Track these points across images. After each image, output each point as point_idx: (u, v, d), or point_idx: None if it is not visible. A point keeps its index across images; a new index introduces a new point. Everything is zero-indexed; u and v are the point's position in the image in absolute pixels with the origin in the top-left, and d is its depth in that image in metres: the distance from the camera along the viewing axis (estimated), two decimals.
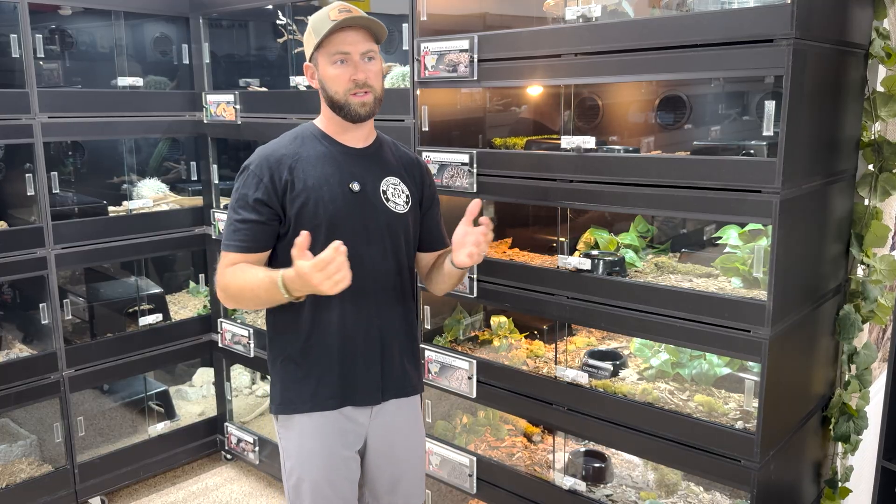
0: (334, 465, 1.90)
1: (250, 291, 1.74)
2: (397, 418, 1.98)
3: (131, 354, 3.25)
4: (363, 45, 1.80)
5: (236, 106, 3.11)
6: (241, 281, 1.75)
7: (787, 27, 1.66)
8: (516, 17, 2.69)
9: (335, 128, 1.88)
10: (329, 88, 1.82)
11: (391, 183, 1.91)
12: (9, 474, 2.97)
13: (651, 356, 2.35)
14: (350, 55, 1.79)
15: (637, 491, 2.32)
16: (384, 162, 1.94)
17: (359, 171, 1.87)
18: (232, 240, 1.80)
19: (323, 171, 1.83)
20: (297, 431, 1.90)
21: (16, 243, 2.86)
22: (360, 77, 1.79)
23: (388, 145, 1.99)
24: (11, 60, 2.82)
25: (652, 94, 2.55)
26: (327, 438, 1.89)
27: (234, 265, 1.78)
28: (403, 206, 1.92)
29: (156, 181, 3.55)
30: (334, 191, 1.82)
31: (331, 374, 1.87)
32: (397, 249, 1.91)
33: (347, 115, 1.83)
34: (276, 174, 1.79)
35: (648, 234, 2.57)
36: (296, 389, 1.88)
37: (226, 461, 3.62)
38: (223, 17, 3.52)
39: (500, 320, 2.76)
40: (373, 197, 1.87)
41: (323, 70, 1.82)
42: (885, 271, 2.28)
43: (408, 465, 2.04)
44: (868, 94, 2.20)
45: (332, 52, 1.79)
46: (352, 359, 1.88)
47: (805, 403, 2.21)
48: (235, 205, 1.81)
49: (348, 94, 1.80)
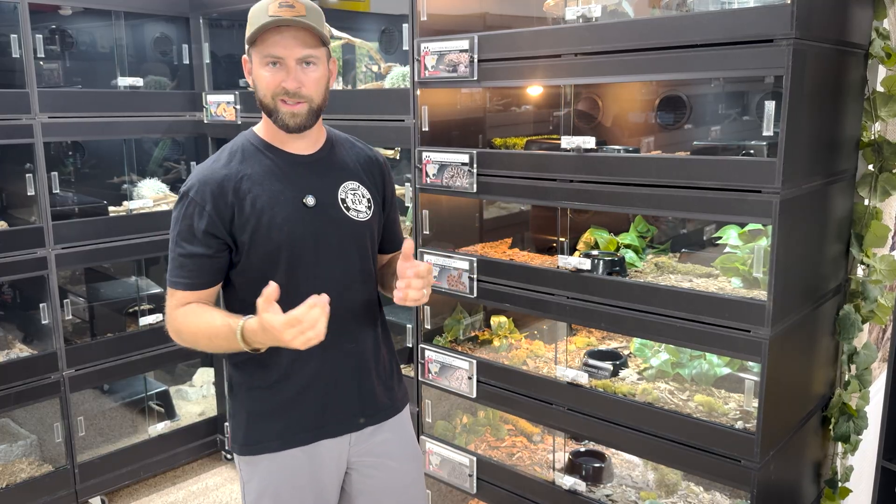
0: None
1: (206, 338, 1.58)
2: (384, 445, 1.80)
3: (131, 354, 3.25)
4: (300, 50, 1.57)
5: (236, 106, 3.11)
6: (194, 326, 1.59)
7: (787, 27, 1.66)
8: (516, 17, 2.69)
9: (278, 135, 1.67)
10: (259, 91, 1.62)
11: (349, 189, 1.72)
12: (9, 474, 2.98)
13: (651, 356, 2.35)
14: (283, 59, 1.57)
15: (637, 491, 2.32)
16: (339, 166, 1.73)
17: (311, 182, 1.67)
18: (178, 276, 1.61)
19: (272, 189, 1.62)
20: (262, 471, 1.69)
21: (16, 243, 2.86)
22: (290, 86, 1.57)
23: (342, 145, 1.79)
24: (11, 60, 2.82)
25: (652, 94, 2.55)
26: (298, 478, 1.69)
27: (185, 305, 1.62)
28: (366, 213, 1.73)
29: (156, 181, 3.55)
30: (287, 209, 1.62)
31: (305, 404, 1.68)
32: (364, 261, 1.74)
33: (277, 123, 1.62)
34: (221, 200, 1.59)
35: (648, 234, 2.57)
36: (264, 425, 1.68)
37: (226, 461, 3.62)
38: (223, 17, 3.52)
39: (500, 320, 2.77)
40: (331, 209, 1.68)
41: (255, 69, 1.61)
42: (885, 271, 2.28)
43: (403, 486, 1.84)
44: (868, 94, 2.20)
45: (264, 54, 1.57)
46: (327, 387, 1.70)
47: (805, 403, 2.21)
48: (178, 237, 1.61)
49: (277, 100, 1.59)
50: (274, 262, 1.63)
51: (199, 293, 1.64)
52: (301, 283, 1.63)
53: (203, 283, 1.63)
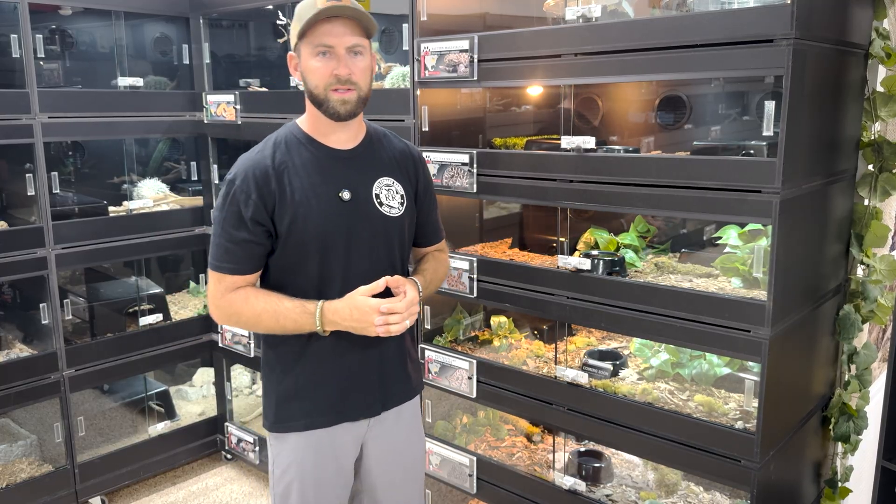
0: (325, 479, 1.84)
1: (272, 319, 1.69)
2: (397, 425, 1.92)
3: (131, 354, 3.25)
4: (350, 39, 1.65)
5: (236, 106, 3.11)
6: (259, 307, 1.69)
7: (787, 27, 1.66)
8: (516, 17, 2.69)
9: (320, 128, 1.75)
10: (310, 82, 1.69)
11: (384, 185, 1.80)
12: (9, 474, 2.98)
13: (651, 356, 2.35)
14: (334, 48, 1.64)
15: (637, 491, 2.32)
16: (375, 162, 1.82)
17: (349, 176, 1.76)
18: (224, 261, 1.70)
19: (311, 182, 1.71)
20: (289, 446, 1.82)
21: (16, 243, 2.86)
22: (342, 72, 1.65)
23: (380, 139, 1.86)
24: (11, 60, 2.82)
25: (652, 94, 2.55)
26: (320, 454, 1.82)
27: (236, 289, 1.71)
28: (398, 209, 1.81)
29: (156, 181, 3.55)
30: (322, 202, 1.71)
31: (327, 390, 1.79)
32: (393, 256, 1.82)
33: (327, 112, 1.69)
34: (265, 189, 1.67)
35: (648, 234, 2.57)
36: (290, 407, 1.80)
37: (226, 461, 3.62)
38: (223, 17, 3.52)
39: (500, 320, 2.76)
40: (365, 204, 1.76)
41: (305, 62, 1.68)
42: (885, 271, 2.28)
43: (407, 471, 1.99)
44: (868, 94, 2.20)
45: (315, 44, 1.64)
46: (349, 374, 1.80)
47: (805, 403, 2.21)
48: (223, 223, 1.69)
49: (328, 90, 1.66)
50: (307, 252, 1.71)
51: (246, 277, 1.72)
52: (332, 274, 1.74)
53: (248, 269, 1.72)
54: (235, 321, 1.74)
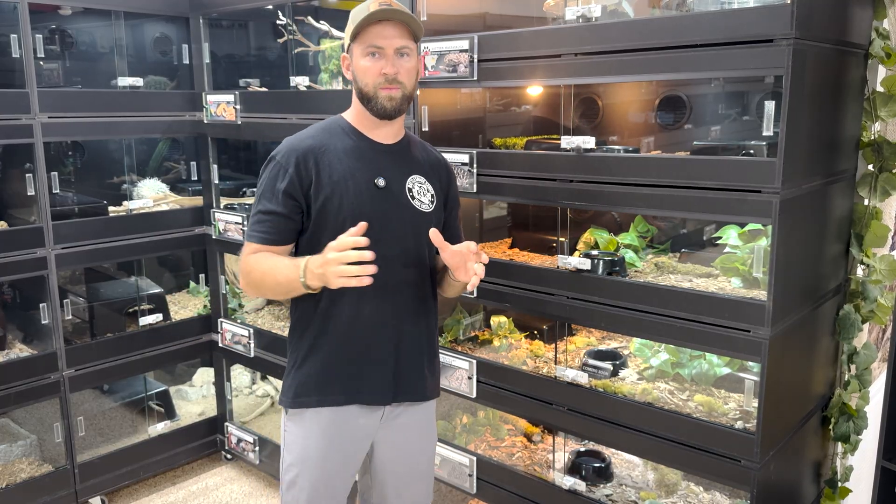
0: (334, 467, 1.89)
1: (272, 278, 1.75)
2: (410, 424, 1.96)
3: (131, 354, 3.25)
4: (398, 41, 1.77)
5: (236, 106, 3.11)
6: (264, 267, 1.76)
7: (787, 27, 1.66)
8: (516, 17, 2.69)
9: (365, 122, 1.86)
10: (360, 80, 1.80)
11: (417, 181, 1.89)
12: (9, 474, 2.97)
13: (651, 356, 2.35)
14: (384, 49, 1.77)
15: (637, 491, 2.32)
16: (411, 159, 1.92)
17: (385, 166, 1.85)
18: (255, 230, 1.80)
19: (349, 165, 1.80)
20: (304, 428, 1.88)
21: (16, 243, 2.86)
22: (390, 71, 1.76)
23: (417, 144, 1.97)
24: (11, 60, 2.82)
25: (652, 94, 2.55)
26: (332, 440, 1.87)
27: (256, 253, 1.79)
28: (429, 206, 1.89)
29: (156, 181, 3.55)
30: (359, 186, 1.80)
31: (340, 369, 1.85)
32: (420, 249, 1.88)
33: (374, 109, 1.80)
34: (303, 166, 1.77)
35: (648, 234, 2.57)
36: (307, 384, 1.86)
37: (226, 461, 3.62)
38: (223, 17, 3.52)
39: (500, 320, 2.76)
40: (398, 194, 1.85)
41: (356, 61, 1.80)
42: (885, 271, 2.28)
43: (418, 472, 2.02)
44: (868, 94, 2.20)
45: (367, 45, 1.77)
46: (363, 356, 1.85)
47: (805, 403, 2.21)
48: (260, 196, 1.80)
49: (378, 88, 1.78)
50: (340, 230, 1.72)
51: (273, 248, 1.80)
52: None
53: (276, 240, 1.79)
54: (249, 282, 1.81)
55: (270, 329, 3.24)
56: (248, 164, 3.88)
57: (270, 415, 3.68)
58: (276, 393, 3.77)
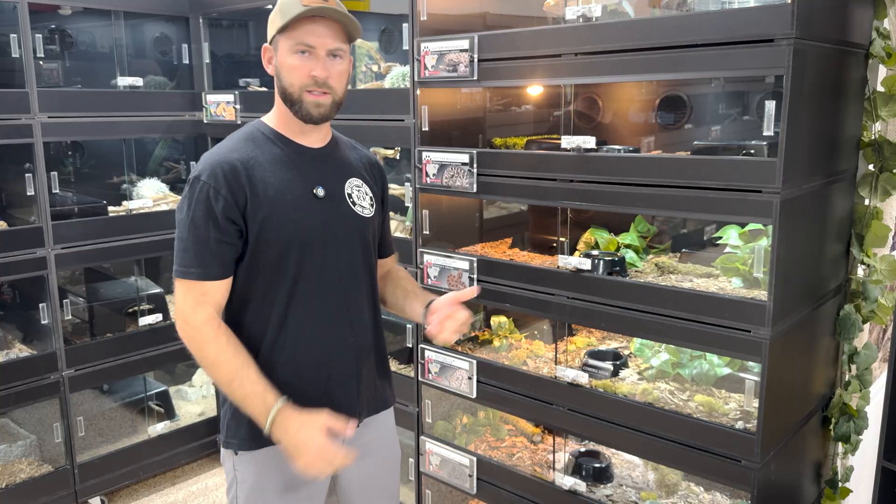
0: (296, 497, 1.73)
1: (227, 384, 1.56)
2: (372, 439, 1.84)
3: (131, 354, 3.25)
4: (332, 42, 1.60)
5: (236, 106, 3.11)
6: (222, 361, 1.56)
7: (787, 27, 1.66)
8: (516, 17, 2.69)
9: (291, 126, 1.68)
10: (285, 79, 1.62)
11: (355, 185, 1.75)
12: (9, 474, 2.97)
13: (651, 356, 2.34)
14: (315, 49, 1.59)
15: (637, 491, 2.32)
16: (345, 162, 1.77)
17: (321, 174, 1.69)
18: (192, 265, 1.56)
19: (282, 178, 1.62)
20: (258, 465, 1.69)
21: (16, 243, 2.86)
22: (321, 74, 1.59)
23: (344, 144, 1.83)
24: (11, 60, 2.82)
25: (652, 93, 2.55)
26: (284, 479, 1.68)
27: (216, 320, 1.58)
28: (369, 210, 1.76)
29: (156, 181, 3.55)
30: (298, 199, 1.63)
31: (306, 397, 1.64)
32: (367, 255, 1.76)
33: (299, 113, 1.63)
34: (235, 184, 1.57)
35: (648, 234, 2.57)
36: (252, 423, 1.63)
37: None
38: (223, 17, 3.52)
39: (500, 320, 2.76)
40: (339, 202, 1.70)
41: (282, 57, 1.61)
42: (886, 271, 2.28)
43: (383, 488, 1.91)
44: (868, 94, 2.20)
45: (296, 41, 1.58)
46: (327, 381, 1.70)
47: (805, 403, 2.21)
48: (190, 224, 1.56)
49: (303, 91, 1.61)
50: (283, 250, 1.62)
51: (217, 284, 1.59)
52: (308, 273, 1.65)
53: (218, 273, 1.58)
54: (193, 350, 1.60)
55: None
56: None
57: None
58: None
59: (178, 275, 1.59)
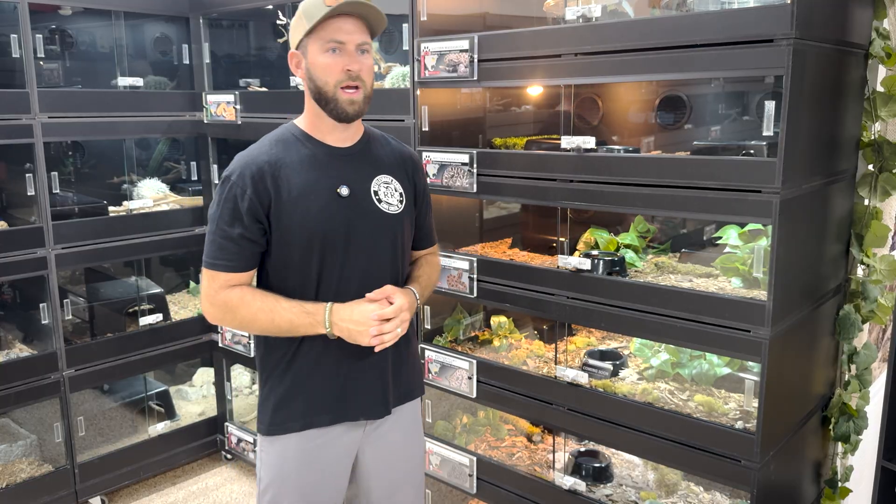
0: (315, 491, 1.80)
1: (267, 319, 1.67)
2: (395, 428, 1.89)
3: (131, 354, 3.25)
4: (359, 36, 1.66)
5: (236, 106, 3.11)
6: (255, 306, 1.67)
7: (787, 27, 1.66)
8: (516, 17, 2.69)
9: (321, 127, 1.74)
10: (318, 79, 1.67)
11: (383, 182, 1.79)
12: (9, 474, 2.98)
13: (651, 356, 2.35)
14: (345, 45, 1.64)
15: (637, 491, 2.32)
16: (373, 160, 1.80)
17: (346, 172, 1.74)
18: (219, 258, 1.67)
19: (308, 177, 1.69)
20: (280, 451, 1.78)
21: (16, 243, 2.86)
22: (354, 67, 1.65)
23: (378, 140, 1.86)
24: (11, 60, 2.82)
25: (652, 94, 2.55)
26: (313, 461, 1.78)
27: (231, 287, 1.68)
28: (397, 206, 1.80)
29: (156, 181, 3.55)
30: (322, 198, 1.69)
31: (328, 389, 1.76)
32: (394, 254, 1.80)
33: (334, 112, 1.69)
34: (261, 185, 1.65)
35: (648, 234, 2.57)
36: (289, 407, 1.76)
37: (226, 461, 3.62)
38: (223, 17, 3.52)
39: (500, 320, 2.76)
40: (363, 200, 1.74)
41: (313, 58, 1.66)
42: (885, 271, 2.28)
43: (406, 477, 1.94)
44: (868, 94, 2.20)
45: (327, 39, 1.63)
46: (349, 374, 1.77)
47: (805, 403, 2.21)
48: (218, 219, 1.67)
49: (338, 88, 1.66)
50: (306, 249, 1.69)
51: (240, 276, 1.69)
52: (330, 272, 1.72)
53: (242, 266, 1.69)
54: (230, 320, 1.70)
55: None
56: None
57: None
58: None
59: (205, 265, 1.70)
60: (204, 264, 1.70)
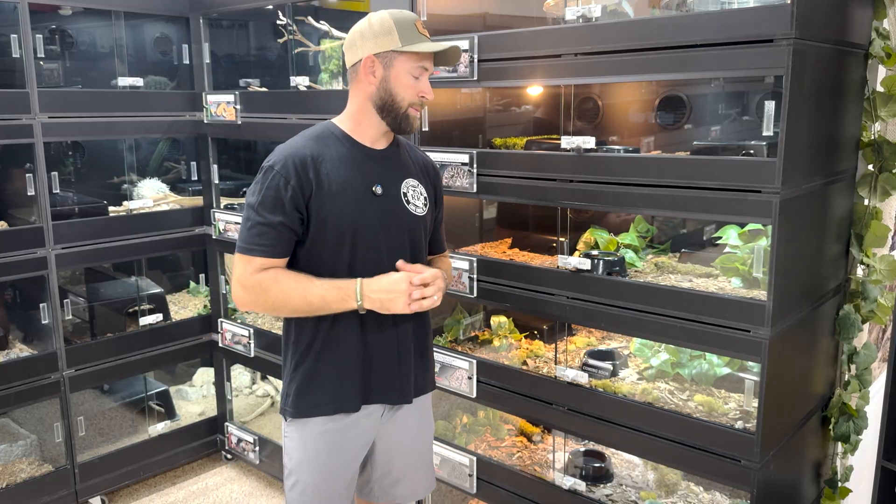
0: (337, 472, 1.90)
1: (300, 298, 1.73)
2: (409, 416, 1.99)
3: (131, 354, 3.25)
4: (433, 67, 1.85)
5: (236, 106, 3.11)
6: (288, 286, 1.73)
7: (787, 27, 1.66)
8: (516, 17, 2.69)
9: (368, 131, 1.85)
10: (397, 94, 1.78)
11: (410, 185, 1.90)
12: (9, 474, 2.98)
13: (651, 356, 2.35)
14: (427, 72, 1.82)
15: (637, 491, 2.33)
16: (403, 163, 1.92)
17: (381, 173, 1.85)
18: (256, 243, 1.74)
19: (346, 174, 1.79)
20: (305, 434, 1.87)
21: (16, 243, 2.86)
22: (430, 96, 1.82)
23: (405, 146, 1.98)
24: (11, 60, 2.82)
25: (652, 94, 2.55)
26: (335, 446, 1.87)
27: (265, 270, 1.74)
28: (422, 209, 1.91)
29: (156, 181, 3.56)
30: (358, 195, 1.79)
31: (353, 376, 1.85)
32: (416, 250, 1.90)
33: (396, 124, 1.82)
34: (303, 176, 1.73)
35: (648, 234, 2.57)
36: (315, 393, 1.85)
37: (226, 461, 3.62)
38: (223, 17, 3.52)
39: (500, 320, 2.77)
40: (394, 200, 1.85)
41: (397, 74, 1.78)
42: (885, 271, 2.28)
43: (419, 461, 2.06)
44: (868, 94, 2.20)
45: (419, 65, 1.78)
46: (372, 361, 1.86)
47: (805, 403, 2.21)
48: (258, 206, 1.73)
49: (410, 106, 1.80)
50: (340, 242, 1.77)
51: (276, 261, 1.76)
52: (359, 264, 1.81)
53: (279, 252, 1.75)
54: (262, 302, 1.76)
55: (270, 329, 3.25)
56: (249, 164, 3.89)
57: (270, 415, 3.68)
58: (276, 393, 3.77)
59: (241, 251, 1.76)
60: (239, 249, 1.77)
